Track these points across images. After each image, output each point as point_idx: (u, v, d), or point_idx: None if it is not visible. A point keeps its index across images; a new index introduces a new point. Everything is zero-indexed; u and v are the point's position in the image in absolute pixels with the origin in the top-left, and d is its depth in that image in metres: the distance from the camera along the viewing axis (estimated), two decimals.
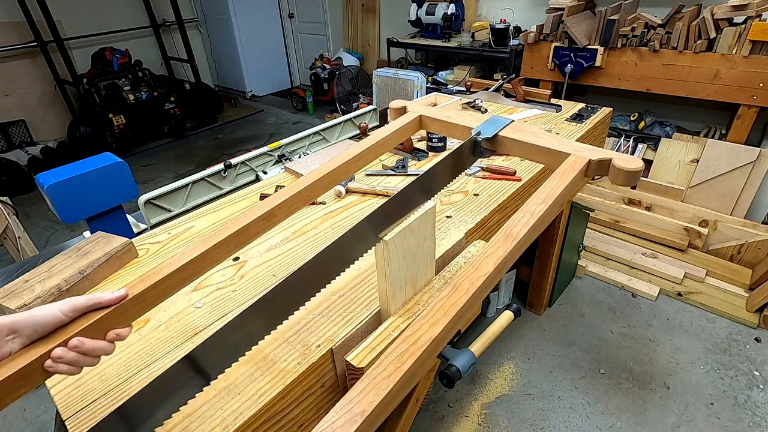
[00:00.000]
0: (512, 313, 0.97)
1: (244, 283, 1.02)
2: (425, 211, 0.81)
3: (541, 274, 2.11)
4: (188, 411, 0.71)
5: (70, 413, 0.74)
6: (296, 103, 5.54)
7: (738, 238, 2.38)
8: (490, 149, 0.93)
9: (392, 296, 0.83)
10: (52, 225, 3.42)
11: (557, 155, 0.85)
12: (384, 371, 0.54)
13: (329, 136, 2.00)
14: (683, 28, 2.51)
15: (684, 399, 1.81)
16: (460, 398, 1.87)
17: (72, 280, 0.99)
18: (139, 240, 1.23)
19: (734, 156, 2.50)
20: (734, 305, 2.18)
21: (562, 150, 0.84)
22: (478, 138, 0.91)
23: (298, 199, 0.82)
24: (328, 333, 0.85)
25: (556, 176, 0.78)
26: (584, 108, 1.94)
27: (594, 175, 0.82)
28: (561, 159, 0.83)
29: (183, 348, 0.85)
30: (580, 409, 1.80)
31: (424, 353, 0.56)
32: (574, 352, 2.04)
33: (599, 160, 0.80)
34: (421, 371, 0.59)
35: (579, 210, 1.98)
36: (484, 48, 3.57)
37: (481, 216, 1.20)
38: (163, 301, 0.65)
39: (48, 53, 4.38)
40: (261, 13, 5.79)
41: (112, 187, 1.37)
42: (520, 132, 0.91)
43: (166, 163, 4.41)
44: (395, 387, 0.53)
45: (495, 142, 0.92)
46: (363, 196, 1.35)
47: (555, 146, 0.86)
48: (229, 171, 1.68)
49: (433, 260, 0.92)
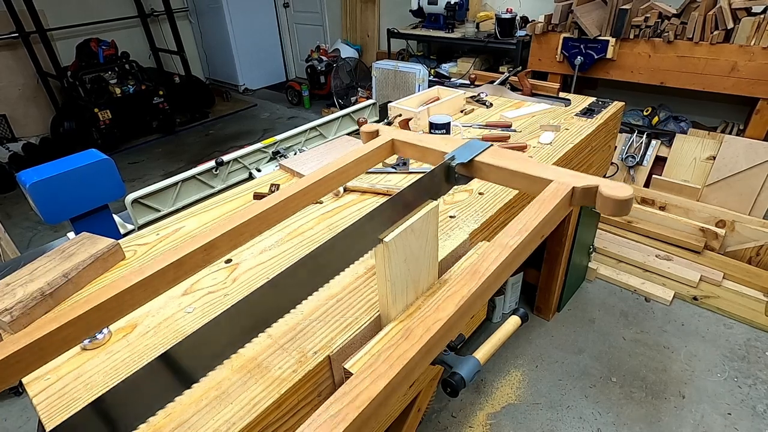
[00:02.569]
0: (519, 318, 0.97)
1: (237, 286, 1.02)
2: (428, 210, 0.81)
3: (549, 277, 2.11)
4: (179, 421, 0.71)
5: (53, 424, 0.74)
6: (291, 97, 5.55)
7: (757, 239, 2.38)
8: (466, 176, 0.92)
9: (393, 300, 0.83)
10: (35, 225, 3.42)
11: (538, 182, 0.82)
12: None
13: (326, 131, 2.00)
14: (699, 18, 2.51)
15: (700, 408, 1.81)
16: (464, 408, 1.87)
17: (56, 284, 0.99)
18: (127, 241, 1.23)
19: (753, 153, 2.50)
20: (753, 310, 2.18)
21: (544, 176, 0.82)
22: (451, 163, 0.90)
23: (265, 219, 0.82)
24: (326, 339, 0.85)
25: (535, 205, 0.74)
26: (595, 102, 1.94)
27: (579, 204, 0.79)
28: (542, 186, 0.80)
29: None
30: (591, 419, 1.80)
31: (363, 414, 0.49)
32: (585, 360, 2.04)
33: (584, 187, 0.77)
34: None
35: (589, 210, 1.98)
36: (490, 39, 3.57)
37: (487, 216, 1.20)
38: (152, 301, 0.65)
39: (30, 44, 4.38)
40: (254, 2, 5.79)
41: (98, 186, 1.37)
42: (499, 157, 0.89)
43: (155, 161, 4.42)
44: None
45: (471, 168, 0.91)
46: (362, 195, 1.35)
47: (535, 172, 0.83)
48: (220, 169, 1.68)
49: (436, 262, 0.92)
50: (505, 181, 0.90)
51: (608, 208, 0.75)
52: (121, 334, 0.91)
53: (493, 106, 1.96)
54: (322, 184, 0.91)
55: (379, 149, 1.02)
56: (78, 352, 0.87)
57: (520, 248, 0.67)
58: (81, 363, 0.85)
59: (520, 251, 0.67)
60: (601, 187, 0.75)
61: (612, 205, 0.74)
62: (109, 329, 0.90)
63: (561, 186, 0.78)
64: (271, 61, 6.29)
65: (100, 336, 0.88)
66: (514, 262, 0.68)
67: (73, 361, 0.85)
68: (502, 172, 0.88)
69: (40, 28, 4.21)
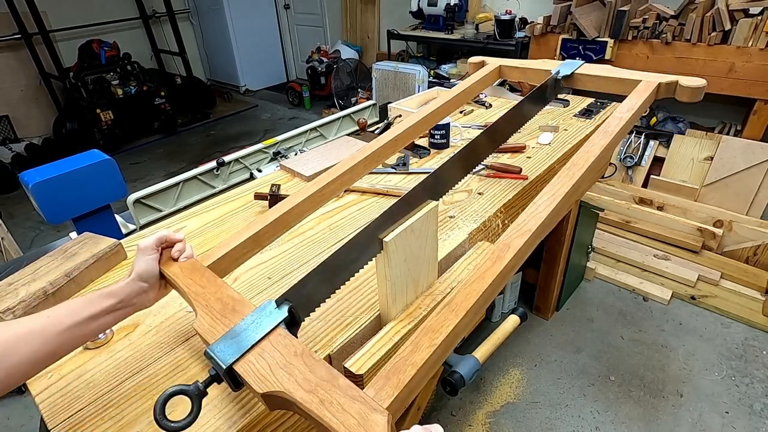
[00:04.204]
0: (518, 318, 0.97)
1: (238, 286, 1.02)
2: (427, 210, 0.81)
3: (548, 276, 2.11)
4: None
5: (56, 422, 0.74)
6: (292, 98, 5.55)
7: (754, 239, 2.38)
8: (569, 87, 1.14)
9: (393, 300, 0.83)
10: (37, 225, 3.42)
11: (628, 83, 1.04)
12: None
13: (327, 132, 2.00)
14: (697, 19, 2.51)
15: (698, 407, 1.81)
16: (463, 406, 1.87)
17: (58, 283, 0.99)
18: (128, 241, 1.23)
19: (750, 153, 2.50)
20: (750, 309, 2.18)
21: (633, 78, 1.04)
22: (558, 77, 1.10)
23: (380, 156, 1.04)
24: (326, 338, 0.85)
25: (633, 96, 0.95)
26: (593, 103, 1.94)
27: (663, 96, 1.03)
28: (632, 86, 1.01)
29: (174, 353, 0.85)
30: (589, 417, 1.80)
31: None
32: (583, 359, 2.04)
33: (668, 82, 1.01)
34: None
35: (588, 209, 1.98)
36: (489, 40, 3.57)
37: (486, 216, 1.20)
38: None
39: (32, 46, 4.38)
40: (255, 3, 5.79)
41: (100, 186, 1.37)
42: (594, 69, 1.13)
43: (156, 161, 4.42)
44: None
45: (572, 80, 1.12)
46: (362, 195, 1.35)
47: (626, 75, 1.07)
48: (222, 169, 1.68)
49: (436, 262, 0.92)
50: (601, 86, 1.12)
51: (686, 94, 0.99)
52: (123, 333, 0.91)
53: (492, 107, 1.96)
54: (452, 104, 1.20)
55: (487, 76, 1.26)
56: (80, 351, 0.87)
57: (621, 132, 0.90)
58: (83, 362, 0.85)
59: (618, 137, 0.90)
60: (681, 80, 1.00)
61: (689, 92, 0.99)
62: (111, 329, 0.90)
63: (650, 82, 1.01)
64: (272, 62, 6.29)
65: (102, 336, 0.88)
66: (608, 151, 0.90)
67: (76, 360, 0.85)
68: (599, 79, 1.11)
69: (42, 30, 4.21)
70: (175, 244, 0.77)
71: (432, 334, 0.63)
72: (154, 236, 0.75)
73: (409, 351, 0.61)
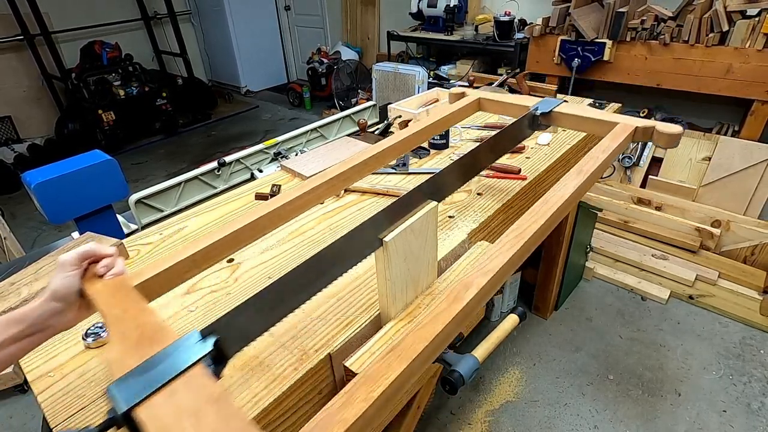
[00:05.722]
0: (517, 317, 0.97)
1: (239, 285, 1.02)
2: (427, 210, 0.81)
3: (547, 276, 2.11)
4: None
5: (57, 421, 0.74)
6: (293, 99, 5.55)
7: (752, 239, 2.38)
8: (545, 124, 1.14)
9: (392, 299, 0.83)
10: (40, 225, 3.42)
11: (606, 124, 1.03)
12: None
13: (327, 133, 2.00)
14: (695, 20, 2.51)
15: (696, 406, 1.81)
16: (463, 405, 1.87)
17: None
18: (130, 241, 1.23)
19: (748, 154, 2.50)
20: (748, 308, 2.18)
21: (610, 120, 1.04)
22: (536, 113, 1.11)
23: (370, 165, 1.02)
24: (326, 337, 0.85)
25: (608, 138, 0.95)
26: (592, 104, 1.94)
27: (640, 140, 1.03)
28: (609, 128, 1.00)
29: None
30: (588, 416, 1.80)
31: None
32: (582, 358, 2.04)
33: (644, 126, 0.99)
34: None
35: (587, 210, 1.98)
36: (488, 41, 3.57)
37: (485, 216, 1.20)
38: (154, 300, 0.67)
39: (35, 47, 4.38)
40: (256, 5, 5.79)
41: (102, 186, 1.37)
42: (572, 108, 1.13)
43: (158, 161, 4.42)
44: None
45: (550, 117, 1.12)
46: (362, 195, 1.35)
47: (603, 117, 1.06)
48: (222, 169, 1.68)
49: (435, 262, 0.92)
50: (578, 126, 1.13)
51: (662, 140, 0.97)
52: None
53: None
54: (423, 134, 1.13)
55: (466, 107, 1.22)
56: (82, 351, 0.87)
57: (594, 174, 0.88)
58: (85, 361, 0.85)
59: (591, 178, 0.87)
60: (657, 126, 0.98)
61: (666, 138, 0.97)
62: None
63: (627, 125, 1.00)
64: (273, 63, 6.29)
65: (104, 334, 0.88)
66: (584, 188, 0.87)
67: (77, 360, 0.85)
68: (577, 119, 1.11)
69: (44, 31, 4.20)
70: (102, 259, 0.67)
71: (370, 384, 0.52)
72: (77, 250, 0.66)
73: (339, 406, 0.50)
